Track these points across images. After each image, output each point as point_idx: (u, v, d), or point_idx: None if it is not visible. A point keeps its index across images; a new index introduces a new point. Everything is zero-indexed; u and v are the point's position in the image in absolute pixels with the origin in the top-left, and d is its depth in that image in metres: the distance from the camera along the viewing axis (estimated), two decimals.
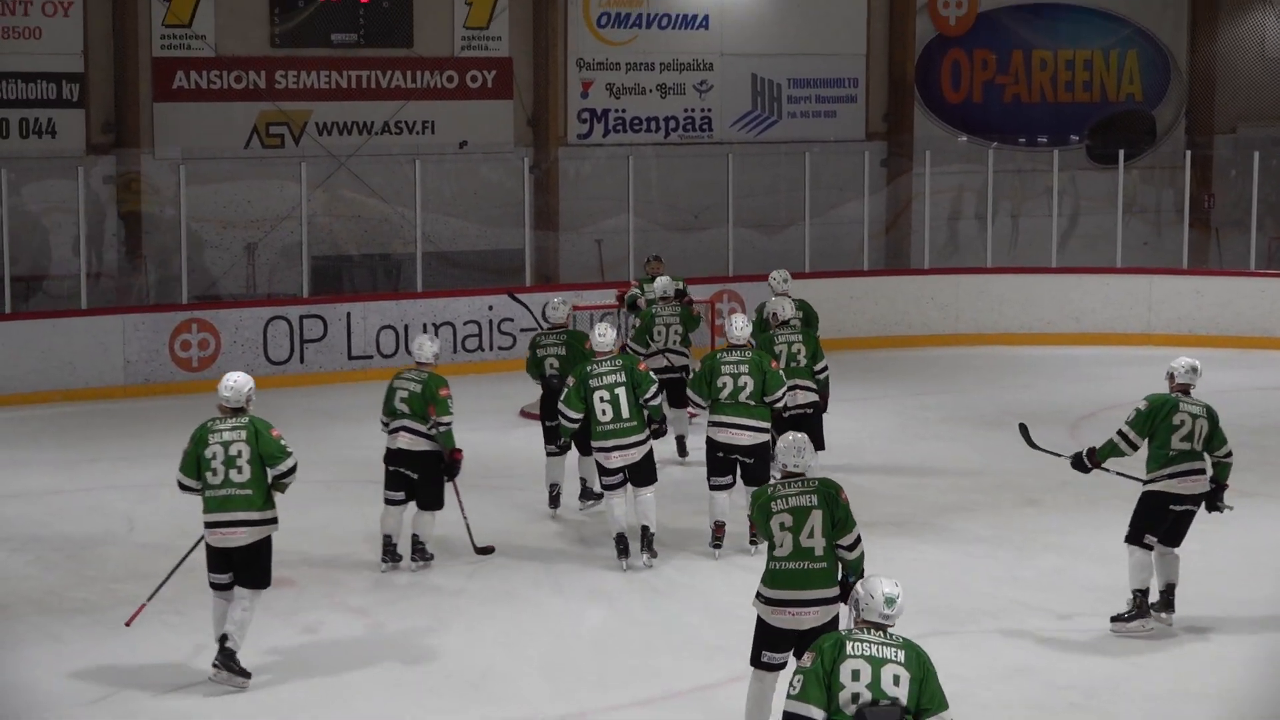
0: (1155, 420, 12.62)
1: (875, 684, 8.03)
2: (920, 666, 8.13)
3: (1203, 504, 12.62)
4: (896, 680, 8.05)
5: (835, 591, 10.05)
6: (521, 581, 13.60)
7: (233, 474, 11.40)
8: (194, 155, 24.52)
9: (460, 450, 13.92)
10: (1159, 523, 12.48)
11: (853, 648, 8.12)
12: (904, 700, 8.03)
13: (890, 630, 8.28)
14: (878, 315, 25.55)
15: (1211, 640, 12.14)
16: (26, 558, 14.32)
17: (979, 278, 26.01)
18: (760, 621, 10.15)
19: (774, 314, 16.35)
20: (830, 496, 10.22)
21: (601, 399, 13.99)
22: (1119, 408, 20.68)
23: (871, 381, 22.64)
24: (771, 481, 10.74)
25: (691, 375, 14.92)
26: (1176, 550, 12.59)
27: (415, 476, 13.94)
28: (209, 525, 11.52)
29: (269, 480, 11.51)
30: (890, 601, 8.30)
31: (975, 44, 30.61)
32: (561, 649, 12.03)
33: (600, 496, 15.29)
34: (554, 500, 16.03)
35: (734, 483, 14.40)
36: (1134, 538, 12.50)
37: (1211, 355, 24.18)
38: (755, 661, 10.14)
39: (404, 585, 13.54)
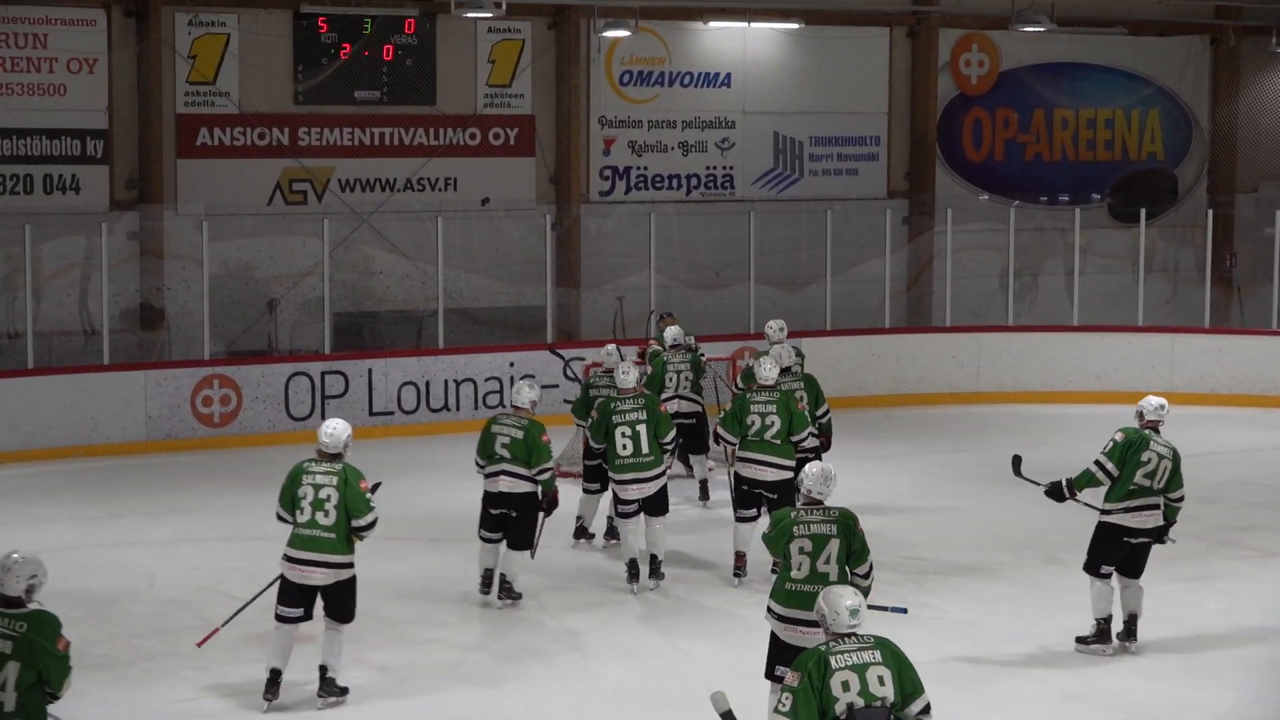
0: (1128, 453, 13.14)
1: (865, 690, 8.44)
2: (896, 660, 8.61)
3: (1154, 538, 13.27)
4: (881, 680, 8.50)
5: None
6: (542, 638, 13.58)
7: (319, 516, 11.93)
8: (217, 211, 24.59)
9: (557, 489, 14.38)
10: (1114, 554, 13.14)
11: (836, 660, 8.51)
12: (891, 697, 8.49)
13: (859, 634, 8.69)
14: (898, 373, 25.54)
15: (1237, 700, 12.09)
16: None
17: (1000, 336, 25.98)
18: (774, 636, 10.87)
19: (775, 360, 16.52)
20: (848, 527, 10.97)
21: (623, 434, 14.79)
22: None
23: (892, 439, 22.61)
24: (795, 507, 11.31)
25: (721, 416, 15.50)
26: (1139, 582, 13.19)
27: (515, 515, 14.32)
28: (289, 560, 12.01)
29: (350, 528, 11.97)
30: (854, 613, 8.71)
31: (997, 103, 30.65)
32: (581, 706, 12.02)
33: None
34: (579, 532, 16.61)
35: (758, 516, 14.89)
36: (1090, 568, 13.23)
37: (1233, 415, 24.31)
38: (770, 675, 10.77)
39: (425, 641, 13.52)
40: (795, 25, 28.53)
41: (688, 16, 28.15)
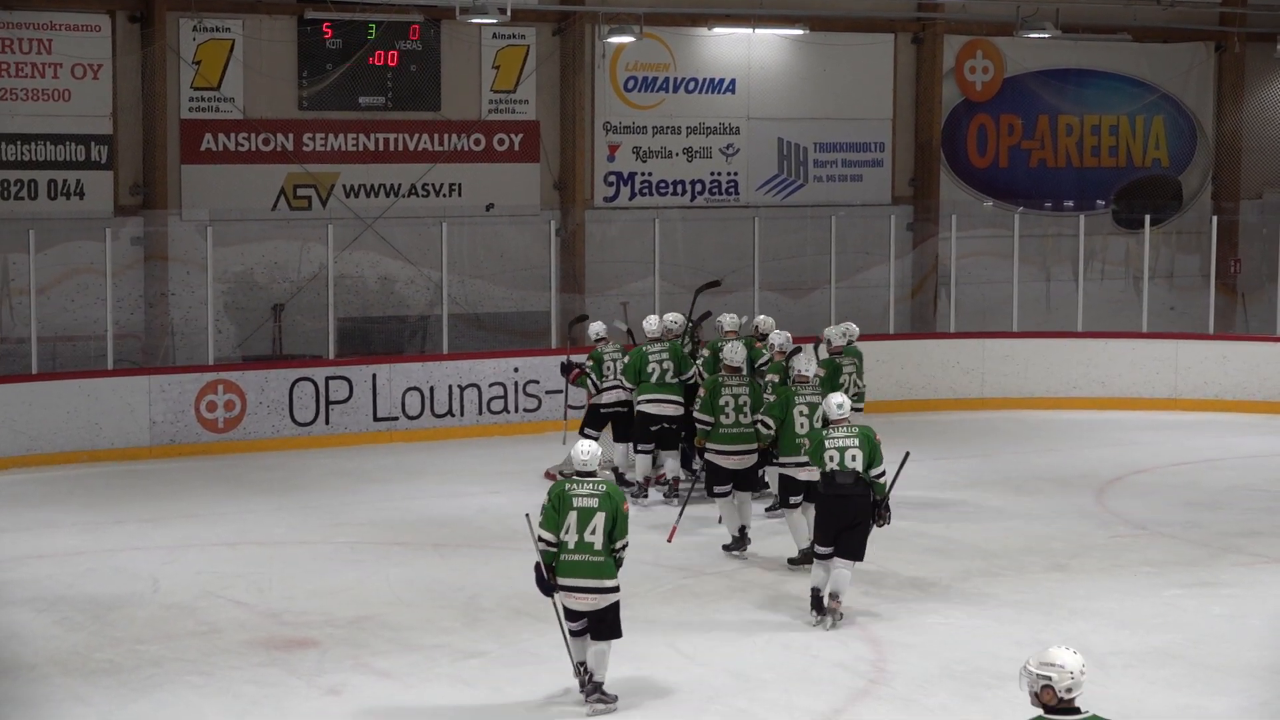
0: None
1: (841, 462, 13.88)
2: (867, 442, 14.03)
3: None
4: (854, 458, 13.88)
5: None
6: (545, 643, 13.55)
7: (740, 417, 16.36)
8: (221, 217, 24.59)
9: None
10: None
11: (829, 442, 14.00)
12: (859, 468, 13.84)
13: (849, 423, 14.13)
14: (903, 379, 25.51)
15: (1241, 707, 12.07)
16: (52, 618, 14.32)
17: (1004, 342, 25.97)
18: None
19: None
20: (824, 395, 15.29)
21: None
22: (1146, 472, 20.84)
23: (896, 446, 22.48)
24: (791, 387, 16.14)
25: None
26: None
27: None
28: (723, 452, 16.35)
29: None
30: (840, 406, 14.14)
31: (1001, 109, 30.65)
32: (584, 711, 11.98)
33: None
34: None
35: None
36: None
37: (1238, 420, 24.32)
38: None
39: (429, 647, 13.50)
40: (800, 31, 28.54)
41: (692, 22, 28.17)
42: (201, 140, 25.18)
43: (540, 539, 11.85)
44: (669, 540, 15.80)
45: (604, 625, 11.90)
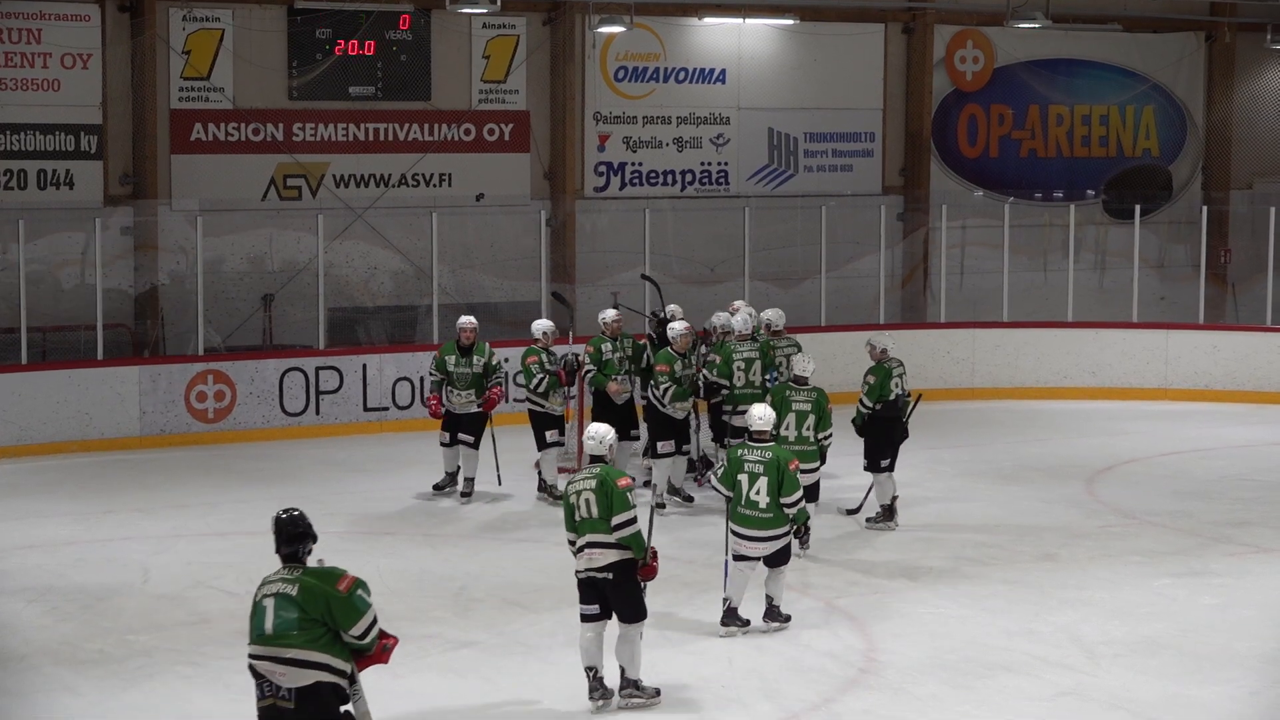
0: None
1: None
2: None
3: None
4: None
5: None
6: (536, 633, 13.56)
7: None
8: (211, 207, 24.56)
9: None
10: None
11: (895, 374, 16.88)
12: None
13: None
14: None
15: (1231, 696, 12.08)
16: (42, 608, 14.31)
17: (995, 331, 25.97)
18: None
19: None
20: (765, 349, 18.07)
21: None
22: (1136, 462, 20.85)
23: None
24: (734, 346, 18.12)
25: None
26: None
27: None
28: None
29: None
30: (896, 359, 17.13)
31: (992, 99, 30.64)
32: (576, 700, 11.98)
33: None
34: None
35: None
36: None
37: (1228, 410, 24.35)
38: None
39: (419, 637, 13.47)
40: (790, 21, 28.52)
41: (683, 12, 28.15)
42: (191, 130, 25.15)
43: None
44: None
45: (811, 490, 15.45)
